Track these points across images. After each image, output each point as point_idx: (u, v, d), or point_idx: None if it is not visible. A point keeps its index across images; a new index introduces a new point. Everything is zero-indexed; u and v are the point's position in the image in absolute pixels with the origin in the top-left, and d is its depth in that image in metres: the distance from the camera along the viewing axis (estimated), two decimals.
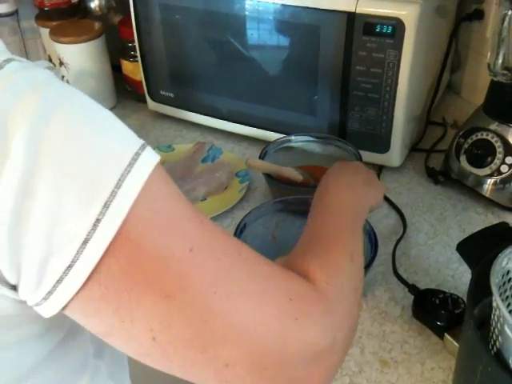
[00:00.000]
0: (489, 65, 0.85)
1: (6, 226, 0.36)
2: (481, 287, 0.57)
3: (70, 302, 0.38)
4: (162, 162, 1.08)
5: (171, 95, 1.16)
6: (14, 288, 0.39)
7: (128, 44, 1.19)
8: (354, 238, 0.58)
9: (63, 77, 1.20)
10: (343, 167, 0.72)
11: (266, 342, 0.43)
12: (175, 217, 0.41)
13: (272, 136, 1.05)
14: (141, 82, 1.18)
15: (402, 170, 1.02)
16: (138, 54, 1.15)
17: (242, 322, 0.42)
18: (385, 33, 0.86)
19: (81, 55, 1.18)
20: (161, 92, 1.17)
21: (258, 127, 1.09)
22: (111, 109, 1.25)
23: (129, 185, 0.38)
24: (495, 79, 0.86)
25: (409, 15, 0.84)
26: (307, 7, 0.91)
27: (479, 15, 1.09)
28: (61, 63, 1.19)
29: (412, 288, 0.76)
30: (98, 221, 0.37)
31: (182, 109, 1.17)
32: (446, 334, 0.68)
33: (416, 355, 0.71)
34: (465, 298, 0.71)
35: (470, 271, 0.65)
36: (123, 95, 1.28)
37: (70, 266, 0.37)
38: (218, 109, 1.12)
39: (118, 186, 0.37)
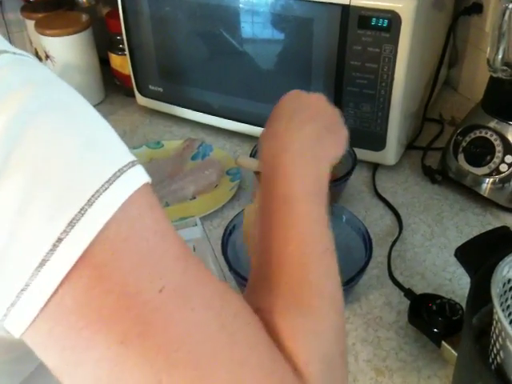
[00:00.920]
0: (488, 60, 0.82)
1: None
2: (480, 295, 0.54)
3: (26, 330, 0.33)
4: (150, 160, 1.05)
5: (160, 90, 1.13)
6: None
7: (116, 37, 1.16)
8: (324, 232, 0.48)
9: None
10: (298, 106, 0.58)
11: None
12: (154, 250, 0.35)
13: None
14: (129, 76, 1.15)
15: (398, 169, 0.99)
16: (126, 47, 1.11)
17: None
18: (380, 26, 0.83)
19: (67, 48, 1.15)
20: (150, 87, 1.14)
21: (250, 123, 1.05)
22: (99, 104, 1.21)
23: (103, 204, 0.32)
24: (494, 75, 0.83)
25: (405, 8, 0.81)
26: (301, 0, 0.87)
27: (478, 9, 1.05)
28: (47, 56, 1.16)
29: (408, 293, 0.73)
30: (59, 240, 0.32)
31: (172, 104, 1.13)
32: (443, 342, 0.65)
33: (412, 363, 0.68)
34: (462, 304, 0.68)
35: (467, 275, 0.62)
36: (111, 90, 1.24)
37: (23, 290, 0.32)
38: (208, 104, 1.08)
39: (90, 203, 0.32)
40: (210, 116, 1.09)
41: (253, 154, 0.93)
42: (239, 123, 1.07)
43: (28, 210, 0.32)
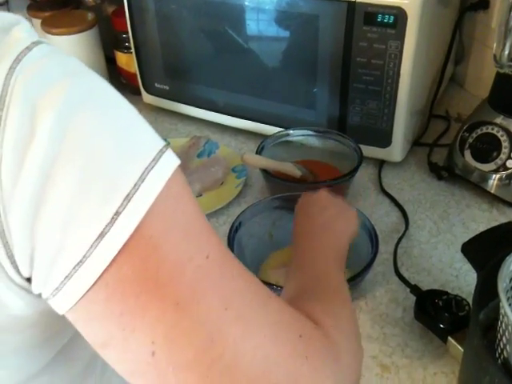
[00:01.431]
0: (495, 56, 0.82)
1: (22, 212, 0.34)
2: (487, 290, 0.54)
3: (76, 303, 0.35)
4: None
5: (166, 88, 1.13)
6: (29, 281, 0.37)
7: (122, 35, 1.16)
8: (341, 283, 0.55)
9: None
10: (310, 203, 0.69)
11: (276, 378, 0.39)
12: (195, 220, 0.38)
13: (270, 130, 1.02)
14: (135, 74, 1.15)
15: (404, 165, 0.99)
16: (132, 45, 1.12)
17: (251, 351, 0.38)
18: (386, 23, 0.83)
19: (73, 47, 1.15)
20: (156, 85, 1.14)
21: (255, 121, 1.05)
22: None
23: (152, 179, 0.35)
24: (501, 71, 0.83)
25: (411, 4, 0.80)
26: None
27: (484, 4, 1.05)
28: None
29: (414, 289, 0.72)
30: (117, 213, 0.34)
31: (178, 102, 1.13)
32: (449, 338, 0.65)
33: (418, 359, 0.68)
34: (469, 300, 0.68)
35: (474, 271, 0.62)
36: (117, 88, 1.22)
37: (80, 262, 0.34)
38: (214, 102, 1.09)
39: (142, 179, 0.35)
40: (215, 113, 1.09)
41: (258, 152, 0.93)
42: (245, 120, 1.07)
43: (86, 189, 0.34)
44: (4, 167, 0.33)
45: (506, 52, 0.79)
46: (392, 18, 0.82)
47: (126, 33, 1.11)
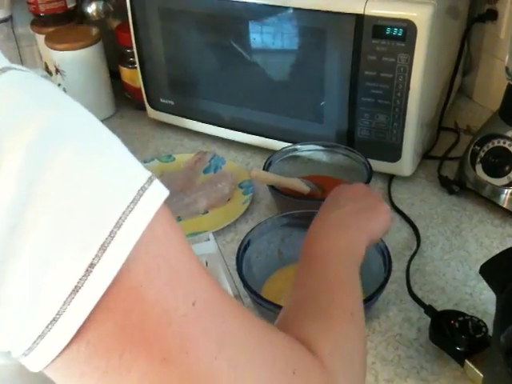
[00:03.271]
0: (507, 68, 0.80)
1: None
2: (507, 313, 0.52)
3: (52, 361, 0.33)
4: (162, 174, 1.03)
5: (171, 103, 1.12)
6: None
7: (126, 50, 1.15)
8: (350, 292, 0.53)
9: (59, 85, 1.16)
10: (338, 195, 0.66)
11: None
12: (181, 264, 0.36)
13: (276, 144, 1.00)
14: (140, 89, 1.14)
15: (414, 179, 0.97)
16: (137, 60, 1.11)
17: None
18: (395, 36, 0.81)
19: (77, 62, 1.14)
20: (161, 100, 1.12)
21: (262, 135, 1.04)
22: (109, 117, 1.20)
23: (131, 224, 0.32)
24: None
25: (421, 17, 0.79)
26: (313, 10, 0.86)
27: (492, 16, 1.04)
28: (57, 71, 1.15)
29: (429, 309, 0.70)
30: (92, 265, 0.31)
31: (183, 117, 1.12)
32: (466, 361, 0.63)
33: (434, 382, 0.66)
34: (485, 320, 0.66)
35: (489, 288, 0.60)
36: (123, 103, 1.24)
37: (54, 320, 0.32)
38: (220, 116, 1.07)
39: (118, 225, 0.32)
40: (221, 128, 1.08)
41: (266, 167, 0.91)
42: (251, 135, 1.05)
43: (59, 240, 0.31)
44: None
45: None
46: (401, 30, 0.80)
47: (131, 48, 1.10)
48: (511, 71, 0.79)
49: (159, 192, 0.35)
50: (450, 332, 0.65)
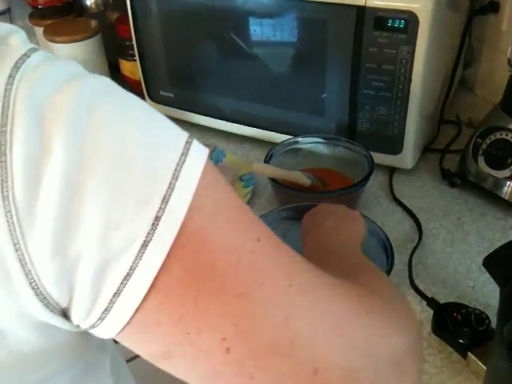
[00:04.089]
0: (509, 60, 0.79)
1: (49, 235, 0.31)
2: (510, 305, 0.52)
3: (129, 320, 0.33)
4: None
5: (171, 95, 1.11)
6: (64, 313, 0.34)
7: (126, 42, 1.14)
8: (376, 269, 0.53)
9: None
10: (318, 212, 0.68)
11: (354, 338, 0.38)
12: (237, 205, 0.37)
13: (277, 137, 1.00)
14: (140, 82, 1.13)
15: (416, 172, 0.97)
16: (136, 53, 1.10)
17: (325, 316, 0.37)
18: (397, 27, 0.81)
19: (76, 55, 1.13)
20: (160, 92, 1.12)
21: (262, 128, 1.03)
22: None
23: (186, 174, 0.33)
24: None
25: (422, 8, 0.78)
26: (314, 1, 0.85)
27: (494, 8, 1.03)
28: None
29: (431, 302, 0.70)
30: (157, 218, 0.32)
31: (183, 109, 1.11)
32: (469, 353, 0.63)
33: (436, 375, 0.66)
34: (488, 312, 0.66)
35: (491, 281, 0.60)
36: None
37: (128, 275, 0.32)
38: (220, 109, 1.07)
39: (175, 176, 0.33)
40: (221, 121, 1.08)
41: (267, 160, 0.91)
42: (251, 128, 1.05)
43: (120, 197, 0.32)
44: (18, 191, 0.30)
45: None
46: (403, 22, 0.80)
47: (130, 40, 1.10)
48: None
49: (201, 146, 0.36)
50: (452, 325, 0.65)
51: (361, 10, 0.82)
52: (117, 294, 0.32)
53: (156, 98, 1.13)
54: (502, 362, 0.50)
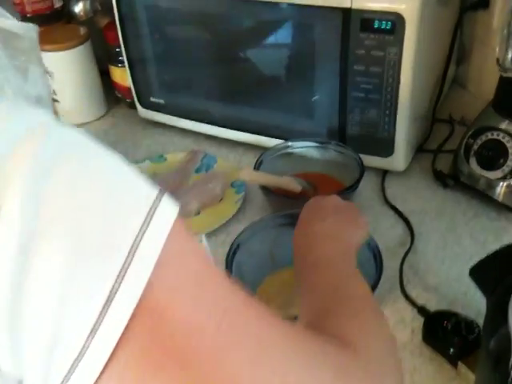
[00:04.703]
0: (498, 60, 0.78)
1: (5, 302, 0.29)
2: (497, 316, 0.51)
3: None
4: (154, 174, 1.01)
5: (162, 101, 1.10)
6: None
7: (115, 49, 1.13)
8: (362, 281, 0.52)
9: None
10: (317, 209, 0.65)
11: None
12: (202, 278, 0.34)
13: (267, 141, 0.99)
14: (130, 88, 1.13)
15: (408, 174, 0.95)
16: (125, 59, 1.09)
17: None
18: (384, 29, 0.80)
19: (66, 63, 1.13)
20: (151, 99, 1.11)
21: (253, 132, 1.02)
22: (101, 117, 1.19)
23: (147, 246, 0.31)
24: (505, 75, 0.80)
25: (409, 9, 0.77)
26: (300, 4, 0.84)
27: (484, 4, 1.02)
28: (45, 72, 1.13)
29: (421, 310, 0.69)
30: (112, 293, 0.30)
31: (174, 115, 1.11)
32: (459, 363, 0.62)
33: None
34: (478, 320, 0.65)
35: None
36: (114, 102, 1.22)
37: (78, 358, 0.30)
38: (210, 114, 1.06)
39: (133, 251, 0.30)
40: (212, 126, 1.07)
41: (257, 166, 0.90)
42: (242, 133, 1.04)
43: (74, 274, 0.30)
44: None
45: (510, 56, 0.76)
46: (389, 23, 0.79)
47: (119, 46, 1.09)
48: (502, 62, 0.77)
49: (170, 207, 0.33)
50: (442, 333, 0.64)
51: (346, 12, 0.81)
52: (66, 377, 0.30)
53: (147, 105, 1.12)
54: (489, 372, 0.49)
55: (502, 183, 0.84)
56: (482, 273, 0.56)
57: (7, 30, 0.45)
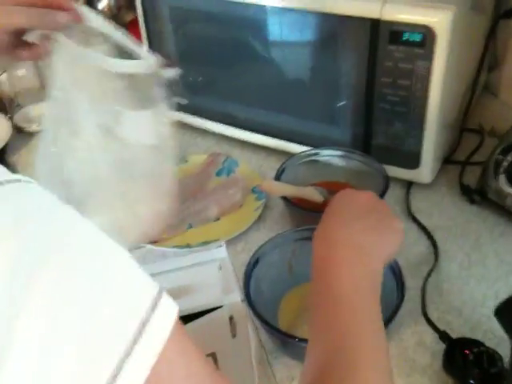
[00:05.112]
0: None
1: None
2: None
3: None
4: None
5: (185, 101, 1.09)
6: None
7: None
8: (379, 344, 0.48)
9: None
10: (347, 203, 0.58)
11: None
12: (199, 380, 0.33)
13: (290, 146, 0.98)
14: None
15: (434, 187, 0.93)
16: None
17: None
18: (413, 41, 0.77)
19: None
20: (174, 99, 1.09)
21: (276, 137, 1.01)
22: None
23: (136, 364, 0.29)
24: None
25: (440, 22, 0.74)
26: (327, 13, 0.82)
27: None
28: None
29: (443, 335, 0.67)
30: None
31: (196, 116, 1.09)
32: None
33: None
34: (501, 347, 0.63)
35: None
36: None
37: None
38: (233, 116, 1.04)
39: (118, 368, 0.28)
40: (234, 129, 1.05)
41: (278, 175, 0.88)
42: (265, 136, 1.02)
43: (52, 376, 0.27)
44: None
45: None
46: (420, 36, 0.76)
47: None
48: None
49: (168, 310, 0.31)
50: (463, 363, 0.62)
51: (375, 23, 0.78)
52: None
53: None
54: None
55: None
56: (506, 312, 0.54)
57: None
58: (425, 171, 0.89)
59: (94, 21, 0.57)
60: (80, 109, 0.54)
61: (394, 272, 0.69)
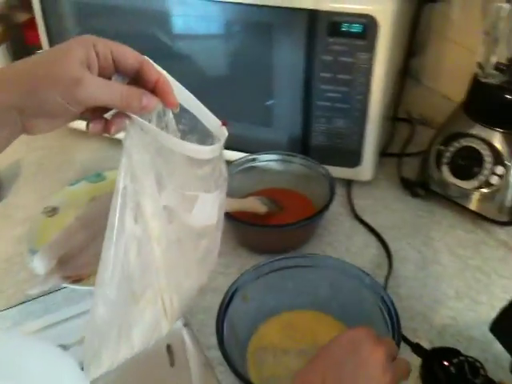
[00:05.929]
0: (480, 65, 0.72)
1: None
2: None
3: None
4: (92, 198, 0.88)
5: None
6: None
7: (36, 51, 0.99)
8: None
9: None
10: (329, 348, 0.51)
11: None
12: None
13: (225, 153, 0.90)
14: None
15: (374, 182, 0.89)
16: None
17: None
18: (354, 33, 0.72)
19: None
20: None
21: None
22: None
23: None
24: (484, 80, 0.74)
25: (383, 11, 0.70)
26: (258, 5, 0.75)
27: None
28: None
29: (417, 348, 0.63)
30: None
31: None
32: None
33: None
34: (472, 347, 0.61)
35: (470, 308, 0.64)
36: None
37: None
38: None
39: None
40: None
41: None
42: None
43: None
44: None
45: (494, 61, 0.70)
46: (361, 27, 0.71)
47: (40, 47, 0.95)
48: (484, 67, 0.72)
49: None
50: (445, 376, 0.58)
51: (313, 14, 0.72)
52: None
53: None
54: None
55: (477, 193, 0.79)
56: (501, 327, 0.50)
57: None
58: (366, 168, 0.85)
59: None
60: (148, 192, 0.48)
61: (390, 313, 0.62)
